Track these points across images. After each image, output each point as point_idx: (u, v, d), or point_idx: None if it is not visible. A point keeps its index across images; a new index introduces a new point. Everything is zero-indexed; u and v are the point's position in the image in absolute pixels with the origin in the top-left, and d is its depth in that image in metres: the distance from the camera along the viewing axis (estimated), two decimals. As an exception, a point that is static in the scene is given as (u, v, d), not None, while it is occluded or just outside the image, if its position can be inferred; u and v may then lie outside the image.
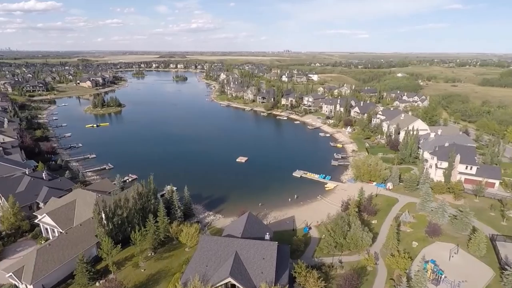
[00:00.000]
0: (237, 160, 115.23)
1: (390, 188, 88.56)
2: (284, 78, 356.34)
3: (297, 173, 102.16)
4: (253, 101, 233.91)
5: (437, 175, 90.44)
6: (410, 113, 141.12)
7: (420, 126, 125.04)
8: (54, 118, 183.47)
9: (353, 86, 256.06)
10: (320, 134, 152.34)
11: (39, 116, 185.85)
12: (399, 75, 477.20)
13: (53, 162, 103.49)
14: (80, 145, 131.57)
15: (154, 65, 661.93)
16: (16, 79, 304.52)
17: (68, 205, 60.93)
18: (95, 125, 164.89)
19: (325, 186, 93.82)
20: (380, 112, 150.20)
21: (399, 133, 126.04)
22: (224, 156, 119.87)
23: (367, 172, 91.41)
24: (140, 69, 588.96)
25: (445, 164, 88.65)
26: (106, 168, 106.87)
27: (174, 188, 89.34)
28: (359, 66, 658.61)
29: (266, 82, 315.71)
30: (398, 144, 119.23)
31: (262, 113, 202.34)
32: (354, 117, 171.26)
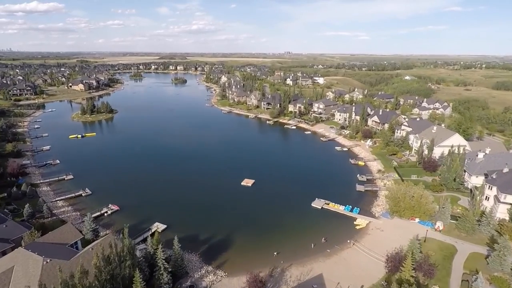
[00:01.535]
0: (242, 183, 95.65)
1: (440, 228, 69.13)
2: (289, 81, 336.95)
3: (317, 204, 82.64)
4: (257, 106, 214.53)
5: (499, 211, 71.16)
6: (443, 125, 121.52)
7: (457, 141, 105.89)
8: (35, 126, 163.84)
9: (365, 90, 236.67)
10: (336, 148, 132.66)
11: (19, 124, 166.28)
12: (407, 78, 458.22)
13: (16, 188, 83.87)
14: (58, 161, 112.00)
15: (153, 67, 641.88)
16: (4, 82, 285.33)
17: (0, 276, 41.52)
18: (79, 136, 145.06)
19: (355, 223, 74.33)
20: (405, 123, 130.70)
21: (432, 150, 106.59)
22: (226, 178, 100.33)
23: (410, 208, 71.93)
24: (139, 71, 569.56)
25: (510, 198, 69.35)
26: (83, 194, 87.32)
27: (162, 227, 70.67)
28: (363, 69, 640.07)
29: (270, 86, 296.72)
30: (433, 164, 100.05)
31: (267, 121, 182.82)
32: (372, 127, 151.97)
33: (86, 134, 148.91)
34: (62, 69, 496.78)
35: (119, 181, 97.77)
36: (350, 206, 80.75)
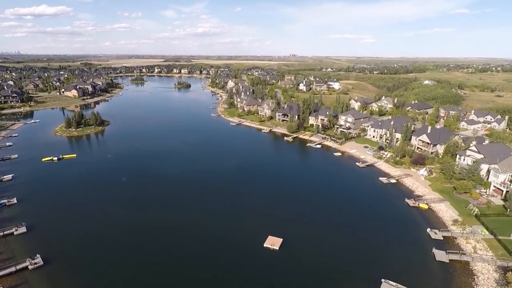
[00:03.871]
0: (265, 244, 66.04)
1: None
2: (302, 87, 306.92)
3: (388, 292, 52.80)
4: (271, 118, 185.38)
5: None
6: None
7: None
8: (7, 144, 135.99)
9: (395, 99, 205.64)
10: (380, 178, 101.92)
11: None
12: (427, 82, 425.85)
13: None
14: (14, 201, 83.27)
15: (156, 70, 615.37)
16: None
17: None
18: (55, 158, 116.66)
19: None
20: (473, 147, 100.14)
21: (529, 191, 76.24)
22: (241, 234, 70.54)
23: None
24: (141, 74, 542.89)
25: None
26: (30, 267, 58.27)
27: None
28: (374, 72, 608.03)
29: (282, 92, 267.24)
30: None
31: (285, 137, 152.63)
32: (419, 148, 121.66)
33: (64, 156, 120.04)
34: (61, 72, 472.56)
35: (88, 239, 68.01)
36: (443, 301, 50.83)
